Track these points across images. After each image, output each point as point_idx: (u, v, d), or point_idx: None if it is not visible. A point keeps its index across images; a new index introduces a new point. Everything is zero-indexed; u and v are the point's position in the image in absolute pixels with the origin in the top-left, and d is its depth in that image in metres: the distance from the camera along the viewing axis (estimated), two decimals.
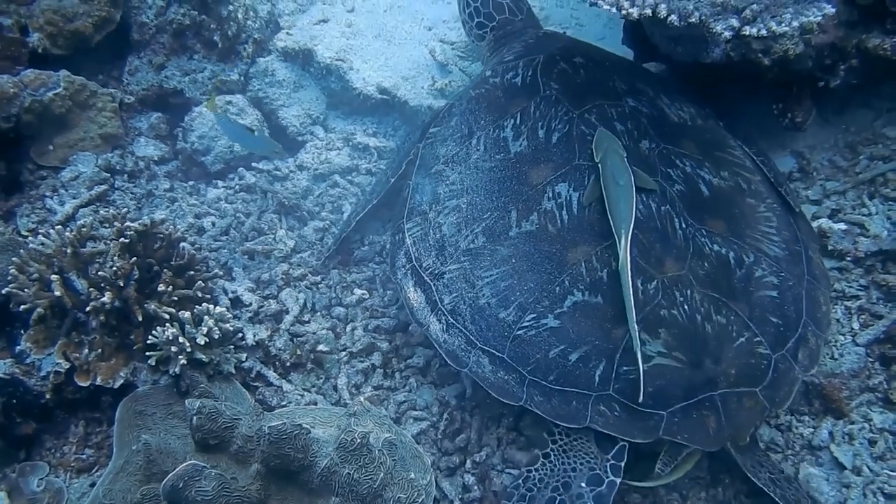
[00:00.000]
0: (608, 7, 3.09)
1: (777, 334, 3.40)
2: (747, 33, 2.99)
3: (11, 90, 4.38)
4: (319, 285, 4.27)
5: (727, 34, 3.01)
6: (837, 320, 3.93)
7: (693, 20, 3.04)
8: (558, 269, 3.44)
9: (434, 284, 3.68)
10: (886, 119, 4.45)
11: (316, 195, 4.78)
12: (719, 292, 3.38)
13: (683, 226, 3.50)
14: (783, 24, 2.97)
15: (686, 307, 3.31)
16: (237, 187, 4.76)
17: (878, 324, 3.84)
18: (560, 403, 3.32)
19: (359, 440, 3.05)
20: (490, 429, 3.74)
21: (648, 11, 3.07)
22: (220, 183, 4.80)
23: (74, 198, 4.45)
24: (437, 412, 3.79)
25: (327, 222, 4.57)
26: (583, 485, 3.29)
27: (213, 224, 4.51)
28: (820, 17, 2.99)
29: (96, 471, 3.67)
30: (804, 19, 2.96)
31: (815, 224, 4.12)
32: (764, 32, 2.98)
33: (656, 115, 3.87)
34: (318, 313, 4.17)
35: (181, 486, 2.89)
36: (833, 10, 3.07)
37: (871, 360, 3.79)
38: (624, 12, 3.08)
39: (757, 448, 3.49)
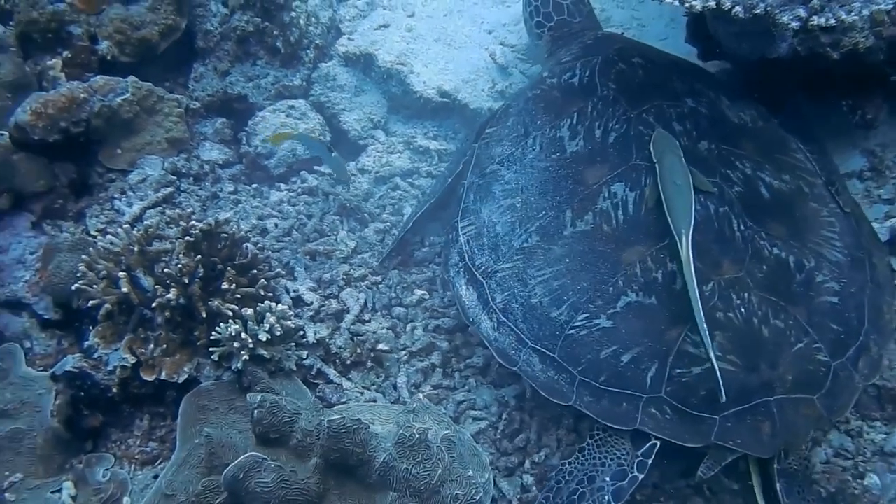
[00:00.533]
0: (671, 1, 3.05)
1: (837, 341, 3.32)
2: (815, 23, 2.92)
3: (82, 95, 4.50)
4: (380, 285, 4.29)
5: (794, 25, 2.94)
6: None
7: (758, 11, 2.99)
8: (612, 269, 3.41)
9: (486, 283, 3.67)
10: None
11: (377, 198, 4.81)
12: (778, 296, 3.31)
13: (742, 227, 3.43)
14: (853, 13, 2.90)
15: (743, 310, 3.25)
16: (299, 190, 4.81)
17: None
18: (610, 405, 3.29)
19: (417, 436, 3.06)
20: (549, 430, 3.72)
21: (712, 4, 3.02)
22: (282, 186, 4.86)
23: (142, 199, 4.55)
24: (496, 412, 3.78)
25: (388, 224, 4.58)
26: (607, 479, 3.31)
27: (276, 225, 4.56)
28: (891, 5, 2.90)
29: (159, 463, 3.74)
30: (875, 7, 2.88)
31: (888, 223, 4.01)
32: (833, 22, 2.92)
33: (715, 116, 3.81)
34: (379, 313, 4.18)
35: (241, 476, 2.93)
36: None
37: None
38: (687, 6, 3.04)
39: (804, 478, 3.37)
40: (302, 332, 3.89)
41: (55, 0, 4.90)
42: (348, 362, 3.93)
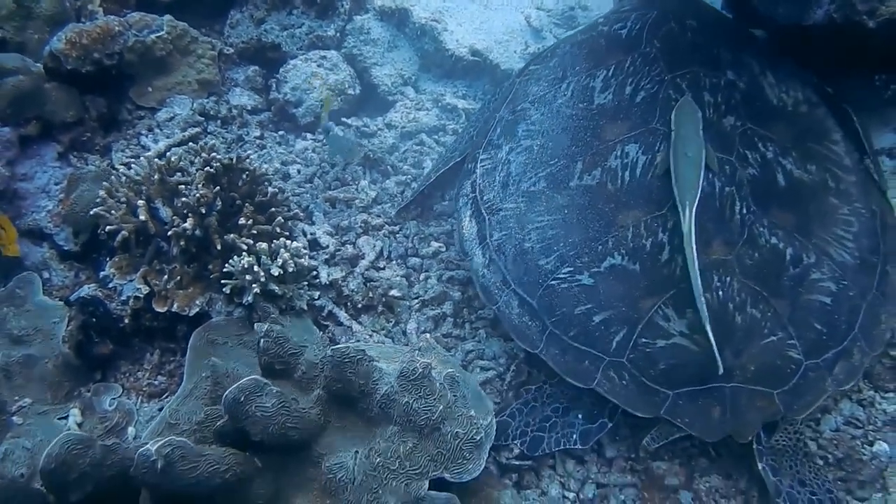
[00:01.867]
0: None
1: (817, 341, 3.24)
2: None
3: (117, 28, 4.54)
4: (397, 235, 4.27)
5: None
6: None
7: None
8: (606, 228, 3.38)
9: (489, 218, 3.66)
10: None
11: (401, 152, 4.79)
12: (763, 286, 3.24)
13: (744, 211, 3.35)
14: None
15: (720, 293, 3.20)
16: (325, 141, 4.80)
17: None
18: (573, 360, 3.29)
19: (420, 369, 3.02)
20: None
21: None
22: (308, 135, 4.87)
23: (168, 137, 4.58)
24: (504, 363, 3.74)
25: (409, 177, 4.57)
26: (579, 416, 3.36)
27: (299, 172, 4.57)
28: None
29: (167, 397, 3.75)
30: None
31: None
32: None
33: (753, 93, 3.71)
34: (394, 262, 4.17)
35: (242, 399, 2.90)
36: None
37: None
38: None
39: (794, 453, 3.32)
40: (315, 273, 3.89)
41: None
42: (360, 306, 3.92)
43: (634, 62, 3.79)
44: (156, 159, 3.88)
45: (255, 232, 3.78)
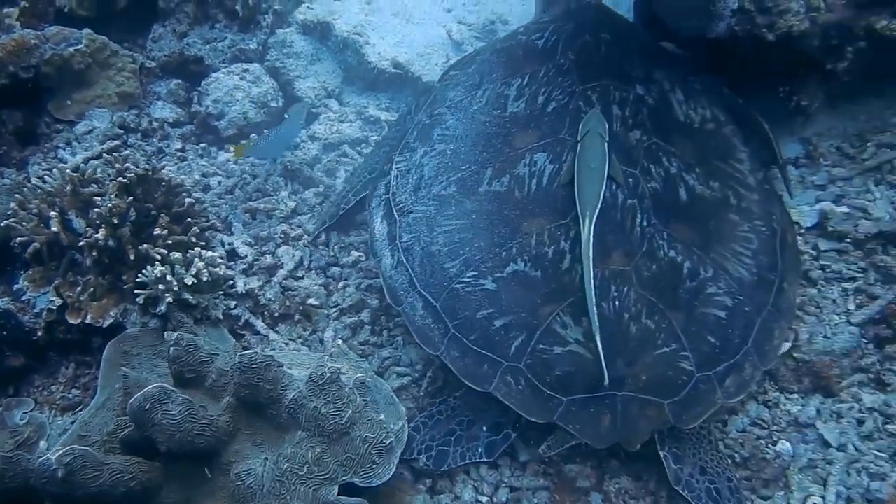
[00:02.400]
0: None
1: (710, 354, 3.29)
2: None
3: (33, 41, 4.52)
4: (318, 244, 4.28)
5: None
6: (833, 301, 3.84)
7: None
8: (511, 234, 3.43)
9: (400, 220, 3.69)
10: None
11: (324, 163, 4.80)
12: (659, 297, 3.29)
13: (644, 223, 3.41)
14: None
15: (616, 303, 3.25)
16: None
17: (874, 304, 3.74)
18: (472, 364, 3.32)
19: (329, 374, 3.03)
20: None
21: None
22: (231, 147, 4.85)
23: (87, 150, 4.55)
24: (420, 370, 3.76)
25: (328, 188, 4.59)
26: (484, 429, 3.40)
27: (219, 183, 4.57)
28: None
29: (80, 410, 3.70)
30: None
31: (817, 206, 4.08)
32: None
33: (661, 109, 3.79)
34: (314, 271, 4.18)
35: (148, 406, 2.89)
36: None
37: (865, 340, 3.70)
38: None
39: (697, 441, 3.39)
40: (231, 282, 3.89)
41: None
42: (276, 314, 3.93)
43: (548, 73, 3.86)
44: (69, 170, 3.84)
45: (170, 242, 3.76)
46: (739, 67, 4.21)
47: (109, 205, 3.66)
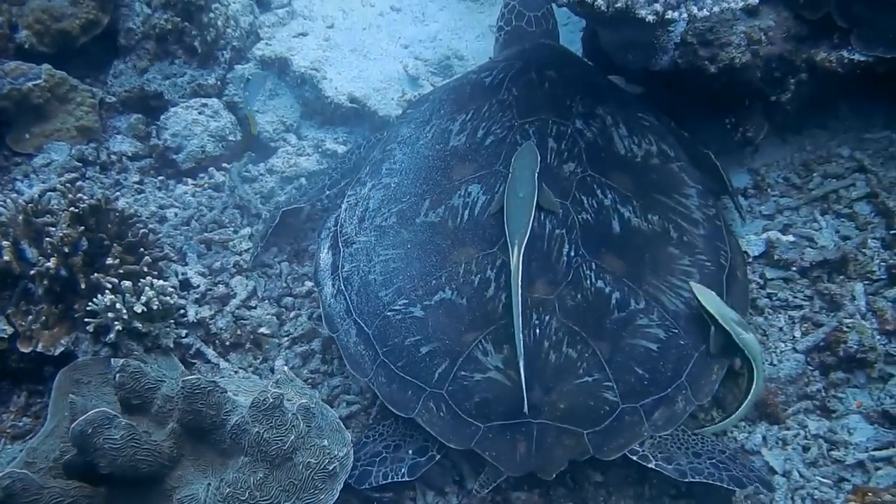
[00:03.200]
0: None
1: (637, 386, 3.30)
2: (668, 17, 3.07)
3: None
4: (271, 275, 4.33)
5: (650, 18, 3.09)
6: (780, 328, 3.93)
7: (619, 5, 3.14)
8: (441, 263, 3.51)
9: (343, 251, 3.79)
10: (842, 139, 4.52)
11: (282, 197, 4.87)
12: (582, 327, 3.32)
13: (572, 254, 3.47)
14: (703, 10, 3.06)
15: (537, 331, 3.30)
16: (206, 185, 4.86)
17: (818, 331, 3.82)
18: (398, 390, 3.39)
19: (272, 400, 3.06)
20: None
21: None
22: (189, 180, 4.91)
23: (44, 182, 4.59)
24: (370, 398, 3.80)
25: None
26: (410, 451, 3.41)
27: (176, 215, 4.62)
28: (742, 4, 3.06)
29: (31, 438, 3.70)
30: (724, 5, 3.04)
31: (763, 235, 4.17)
32: (685, 16, 3.07)
33: (600, 143, 3.84)
34: (266, 301, 4.23)
35: (90, 431, 2.89)
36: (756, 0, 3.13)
37: (810, 367, 3.77)
38: None
39: (673, 436, 3.40)
40: (183, 311, 3.92)
41: None
42: (228, 343, 3.98)
43: (491, 108, 3.96)
44: (21, 200, 3.88)
45: (122, 271, 3.79)
46: (685, 99, 4.34)
47: (61, 234, 3.69)
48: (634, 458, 3.29)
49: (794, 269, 4.06)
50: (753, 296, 4.00)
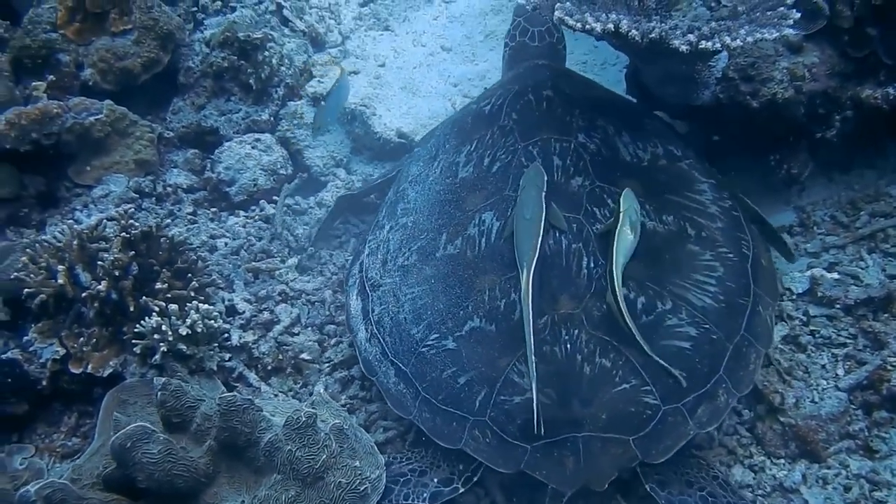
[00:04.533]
0: (574, 23, 3.25)
1: (675, 386, 3.31)
2: (702, 47, 3.10)
3: (55, 111, 4.79)
4: (314, 303, 4.41)
5: (684, 48, 3.12)
6: (823, 366, 3.86)
7: (653, 36, 3.18)
8: (466, 293, 3.55)
9: (371, 295, 3.84)
10: (891, 178, 4.46)
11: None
12: (612, 336, 3.33)
13: (591, 266, 3.49)
14: (737, 40, 3.08)
15: (568, 346, 3.32)
16: (257, 217, 4.99)
17: (861, 369, 3.75)
18: (442, 423, 3.42)
19: (304, 419, 3.12)
20: None
21: (611, 27, 3.21)
22: (241, 212, 5.05)
23: (101, 212, 4.75)
24: (407, 424, 3.82)
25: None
26: (434, 480, 3.45)
27: (226, 244, 4.74)
28: (776, 34, 3.08)
29: (79, 457, 3.82)
30: (758, 35, 3.06)
31: (808, 272, 4.13)
32: (718, 46, 3.09)
33: (604, 153, 3.85)
34: (310, 328, 4.30)
35: (129, 445, 2.99)
36: (791, 30, 3.15)
37: (853, 406, 3.69)
38: (588, 27, 3.23)
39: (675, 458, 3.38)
40: (227, 335, 4.02)
41: (49, 30, 5.26)
42: (269, 367, 4.05)
43: (493, 135, 4.00)
44: (76, 226, 4.05)
45: (169, 296, 3.92)
46: (729, 136, 4.33)
47: (112, 258, 3.84)
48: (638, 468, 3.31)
49: (839, 306, 3.99)
50: (796, 332, 3.97)
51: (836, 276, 4.09)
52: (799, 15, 3.26)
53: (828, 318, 4.01)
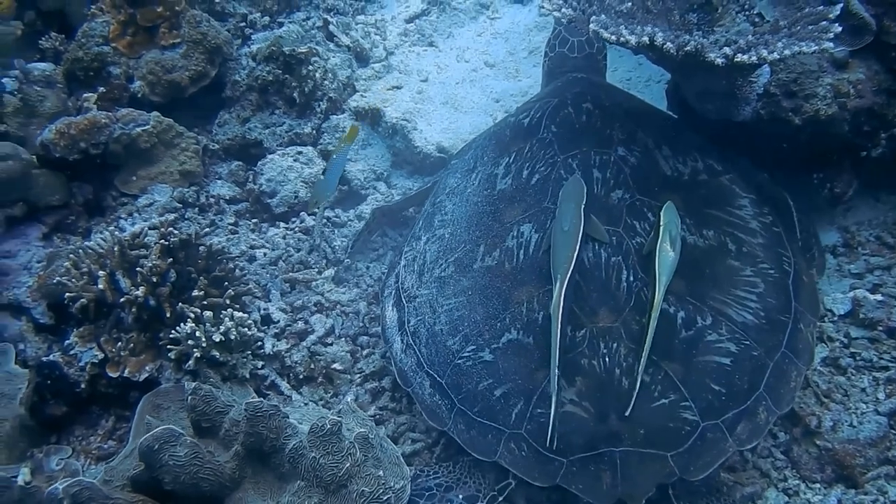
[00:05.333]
0: (609, 36, 3.23)
1: (715, 402, 3.26)
2: (738, 60, 3.06)
3: (103, 121, 4.92)
4: (349, 314, 4.44)
5: (720, 61, 3.09)
6: (863, 389, 3.76)
7: (689, 49, 3.14)
8: (504, 305, 3.52)
9: (407, 306, 3.84)
10: None
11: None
12: (652, 350, 3.27)
13: (631, 279, 3.46)
14: (774, 53, 3.03)
15: (607, 359, 3.28)
16: (297, 229, 5.04)
17: None
18: (477, 435, 3.39)
19: (329, 426, 3.12)
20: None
21: (646, 39, 3.18)
22: (281, 224, 5.10)
23: (145, 221, 4.85)
24: (435, 437, 3.82)
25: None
26: (460, 496, 3.47)
27: (265, 255, 4.79)
28: (815, 48, 3.03)
29: (113, 459, 3.87)
30: (795, 49, 3.01)
31: (850, 294, 4.04)
32: (754, 59, 3.05)
33: (645, 166, 3.83)
34: (343, 339, 4.32)
35: (157, 447, 3.03)
36: (830, 44, 3.09)
37: (893, 431, 3.58)
38: (623, 40, 3.21)
39: (707, 492, 3.39)
40: (260, 343, 4.06)
41: (101, 43, 5.41)
42: (301, 377, 4.08)
43: (532, 148, 3.99)
44: (117, 233, 4.13)
45: (206, 303, 3.97)
46: (771, 153, 4.27)
47: (150, 265, 3.91)
48: (670, 491, 3.29)
49: (881, 328, 3.90)
50: (836, 354, 3.89)
51: (879, 297, 4.00)
52: (840, 29, 3.21)
53: (869, 341, 3.92)
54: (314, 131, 5.52)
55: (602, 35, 3.26)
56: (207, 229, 4.75)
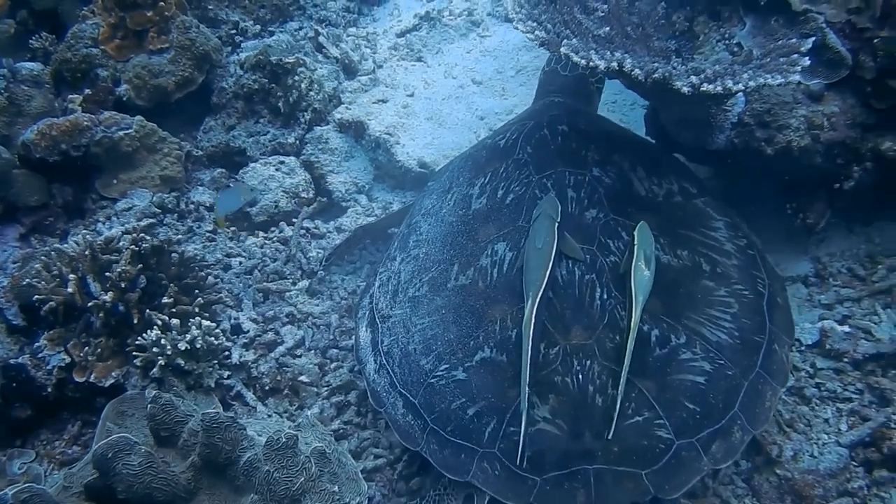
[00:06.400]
0: (579, 60, 3.24)
1: (689, 420, 3.24)
2: (705, 89, 3.07)
3: (85, 123, 4.94)
4: (320, 326, 4.44)
5: (686, 90, 3.10)
6: (826, 420, 3.76)
7: (657, 76, 3.16)
8: (477, 324, 3.51)
9: (381, 326, 3.82)
10: None
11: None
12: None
13: (605, 297, 3.44)
14: (739, 83, 3.05)
15: (580, 377, 3.26)
16: (275, 238, 5.05)
17: (865, 426, 3.64)
18: (450, 455, 3.36)
19: (285, 440, 3.11)
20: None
21: (615, 65, 3.20)
22: (260, 233, 5.11)
23: (123, 226, 4.86)
24: (398, 453, 3.81)
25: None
26: None
27: (240, 263, 4.80)
28: (780, 80, 3.04)
29: (74, 465, 3.87)
30: (761, 80, 3.02)
31: (818, 324, 4.03)
32: (719, 89, 3.06)
33: (619, 187, 3.83)
34: (312, 351, 4.32)
35: (110, 455, 3.02)
36: (798, 77, 3.10)
37: (854, 463, 3.58)
38: (592, 64, 3.22)
39: None
40: (227, 353, 4.05)
41: (90, 45, 5.43)
42: (267, 388, 4.07)
43: (507, 168, 3.98)
44: (90, 236, 4.14)
45: (174, 311, 3.98)
46: (746, 183, 4.28)
47: (120, 270, 3.91)
48: None
49: (847, 360, 3.90)
50: (801, 385, 3.88)
51: (847, 329, 3.99)
52: (809, 62, 3.22)
53: (835, 372, 3.91)
54: (297, 141, 5.54)
55: (573, 59, 3.27)
56: (183, 236, 4.75)
